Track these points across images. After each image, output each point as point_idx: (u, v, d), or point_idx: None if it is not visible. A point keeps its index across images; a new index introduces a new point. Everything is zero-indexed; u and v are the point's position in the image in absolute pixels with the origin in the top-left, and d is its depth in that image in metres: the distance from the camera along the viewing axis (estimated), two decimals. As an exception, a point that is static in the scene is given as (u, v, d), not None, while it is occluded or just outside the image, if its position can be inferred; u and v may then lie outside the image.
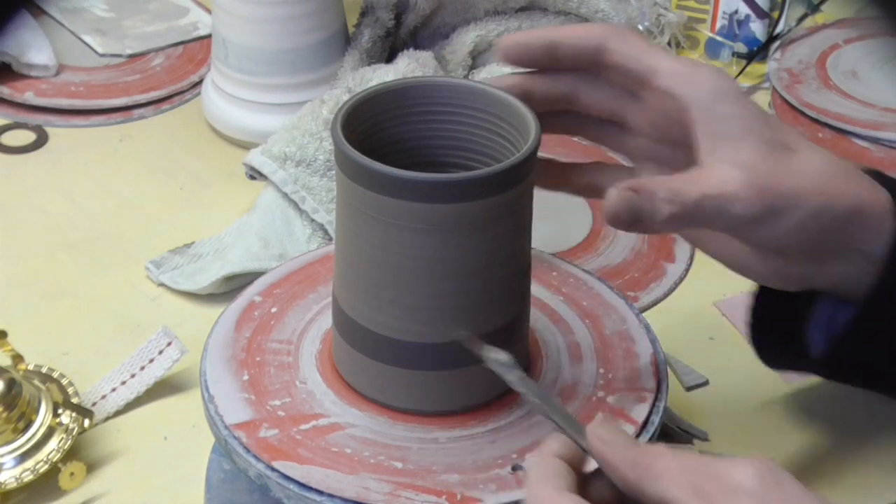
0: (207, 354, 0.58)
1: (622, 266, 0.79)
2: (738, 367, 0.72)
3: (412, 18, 0.99)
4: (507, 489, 0.52)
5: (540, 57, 0.57)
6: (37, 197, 0.86)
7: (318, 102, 0.85)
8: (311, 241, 0.79)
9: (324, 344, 0.59)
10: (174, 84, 0.99)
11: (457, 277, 0.53)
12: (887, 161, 0.88)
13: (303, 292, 0.63)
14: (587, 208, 0.84)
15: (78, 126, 0.94)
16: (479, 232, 0.52)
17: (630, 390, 0.58)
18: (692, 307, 0.77)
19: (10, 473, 0.60)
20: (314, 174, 0.80)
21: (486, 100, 0.56)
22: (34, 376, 0.65)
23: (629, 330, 0.62)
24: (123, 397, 0.67)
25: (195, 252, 0.79)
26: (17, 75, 0.96)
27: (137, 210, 0.85)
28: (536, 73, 0.58)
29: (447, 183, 0.51)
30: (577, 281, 0.65)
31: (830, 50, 1.02)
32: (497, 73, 0.96)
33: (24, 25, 1.00)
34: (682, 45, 1.06)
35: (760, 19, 1.04)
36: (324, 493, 0.51)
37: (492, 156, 0.56)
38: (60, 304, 0.76)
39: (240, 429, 0.54)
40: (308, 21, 0.89)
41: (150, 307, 0.76)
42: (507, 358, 0.51)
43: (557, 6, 1.01)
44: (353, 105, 0.54)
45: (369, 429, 0.55)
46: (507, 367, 0.51)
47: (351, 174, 0.52)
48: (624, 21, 1.02)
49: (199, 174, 0.89)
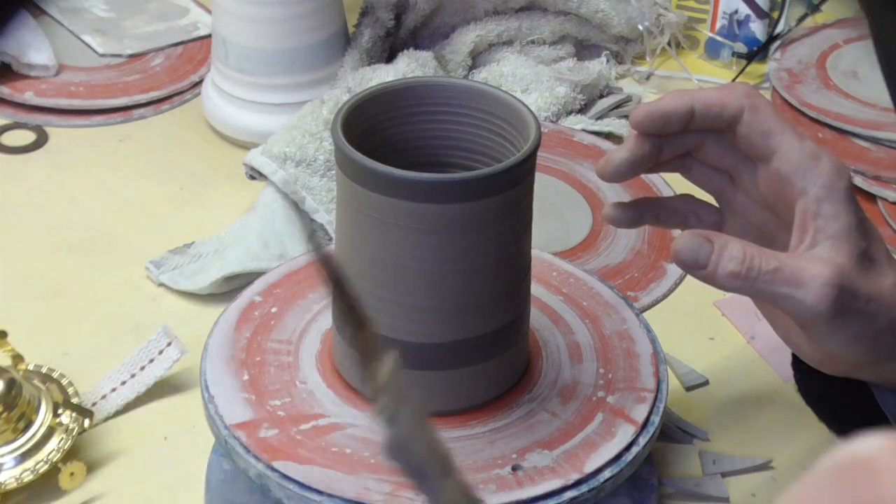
0: (207, 354, 0.58)
1: (622, 266, 0.79)
2: (738, 367, 0.73)
3: (412, 18, 0.99)
4: (507, 489, 0.52)
5: (676, 126, 0.57)
6: (37, 197, 0.86)
7: (318, 102, 0.85)
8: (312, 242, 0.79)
9: (324, 344, 0.59)
10: (174, 84, 0.99)
11: (457, 277, 0.53)
12: (887, 161, 0.88)
13: (303, 292, 0.63)
14: (587, 208, 0.84)
15: (78, 126, 0.94)
16: (479, 232, 0.52)
17: (630, 390, 0.58)
18: (692, 307, 0.77)
19: (10, 473, 0.60)
20: (314, 174, 0.80)
21: (486, 100, 0.56)
22: (34, 376, 0.65)
23: (629, 330, 0.62)
24: (123, 397, 0.67)
25: (195, 252, 0.79)
26: (17, 75, 0.96)
27: (137, 210, 0.85)
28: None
29: (447, 183, 0.51)
30: (577, 281, 0.65)
31: (830, 50, 1.02)
32: (496, 73, 0.96)
33: (24, 25, 1.00)
34: (682, 45, 1.07)
35: (760, 19, 1.04)
36: (324, 493, 0.51)
37: (492, 156, 0.56)
38: (60, 304, 0.76)
39: (240, 429, 0.54)
40: (308, 21, 0.89)
41: (150, 307, 0.76)
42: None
43: (557, 6, 1.01)
44: (353, 105, 0.54)
45: (369, 429, 0.55)
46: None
47: (351, 174, 0.52)
48: (624, 21, 1.02)
49: (199, 174, 0.89)
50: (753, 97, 0.56)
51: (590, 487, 0.53)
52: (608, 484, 0.53)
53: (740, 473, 0.65)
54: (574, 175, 0.88)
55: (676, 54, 1.05)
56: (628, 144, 0.57)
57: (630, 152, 0.57)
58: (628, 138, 0.57)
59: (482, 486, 0.52)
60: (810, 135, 0.92)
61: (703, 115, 0.56)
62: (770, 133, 0.55)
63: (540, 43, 1.00)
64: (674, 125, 0.56)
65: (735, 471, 0.65)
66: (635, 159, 0.57)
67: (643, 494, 0.60)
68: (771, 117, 0.55)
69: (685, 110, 0.56)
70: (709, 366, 0.72)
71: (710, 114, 0.56)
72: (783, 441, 0.67)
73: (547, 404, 0.57)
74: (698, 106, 0.56)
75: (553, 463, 0.53)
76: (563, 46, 1.01)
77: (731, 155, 0.58)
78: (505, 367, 0.57)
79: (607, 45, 1.04)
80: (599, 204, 0.85)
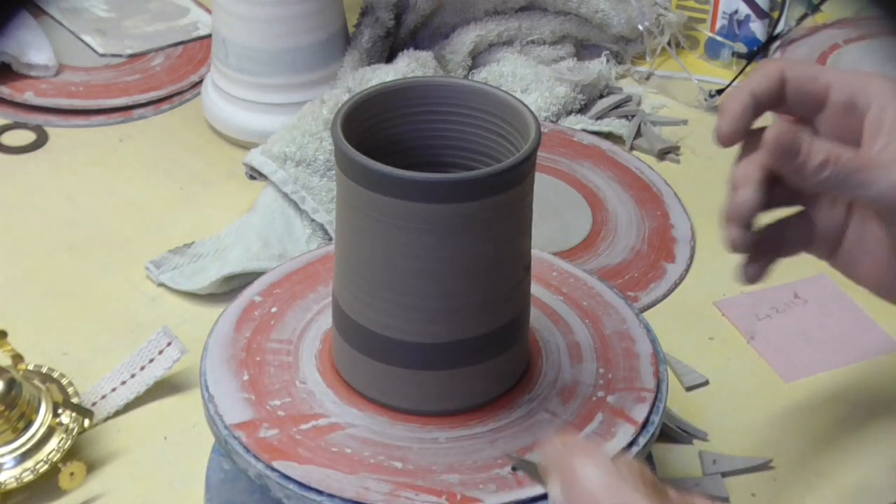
0: (207, 354, 0.58)
1: (622, 266, 0.79)
2: (738, 367, 0.73)
3: (412, 18, 0.99)
4: (507, 489, 0.52)
5: (750, 119, 0.58)
6: (37, 197, 0.86)
7: (318, 102, 0.85)
8: (311, 241, 0.79)
9: (324, 344, 0.59)
10: (174, 84, 0.99)
11: (457, 277, 0.53)
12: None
13: (303, 292, 0.63)
14: (587, 208, 0.84)
15: (78, 126, 0.94)
16: (479, 232, 0.52)
17: (630, 390, 0.58)
18: (692, 307, 0.77)
19: (10, 473, 0.60)
20: (314, 174, 0.80)
21: (486, 100, 0.56)
22: (34, 376, 0.65)
23: (629, 330, 0.62)
24: (123, 397, 0.67)
25: (195, 252, 0.79)
26: (17, 75, 0.96)
27: (137, 210, 0.85)
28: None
29: (447, 183, 0.51)
30: (577, 281, 0.65)
31: (830, 50, 1.02)
32: (496, 73, 0.96)
33: (24, 25, 1.00)
34: (682, 45, 1.07)
35: (760, 19, 1.04)
36: (324, 493, 0.51)
37: (492, 156, 0.56)
38: (60, 304, 0.76)
39: (240, 429, 0.54)
40: (308, 21, 0.89)
41: (150, 307, 0.76)
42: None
43: (557, 6, 1.01)
44: (353, 105, 0.54)
45: (369, 429, 0.55)
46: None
47: (351, 174, 0.52)
48: (624, 21, 1.02)
49: (199, 174, 0.89)
50: (787, 60, 0.58)
51: (590, 487, 0.52)
52: (608, 484, 0.53)
53: (740, 473, 0.65)
54: (574, 175, 0.88)
55: (676, 54, 1.05)
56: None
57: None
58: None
59: (482, 486, 0.52)
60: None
61: (761, 95, 0.57)
62: (816, 75, 0.57)
63: (540, 43, 1.00)
64: (746, 120, 0.57)
65: (735, 471, 0.65)
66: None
67: (643, 494, 0.60)
68: (809, 65, 0.58)
69: (747, 101, 0.57)
70: (709, 366, 0.72)
71: (764, 91, 0.57)
72: (783, 441, 0.67)
73: (547, 404, 0.57)
74: (755, 90, 0.57)
75: (553, 463, 0.53)
76: (563, 46, 1.01)
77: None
78: (505, 367, 0.57)
79: (607, 45, 1.04)
80: (599, 204, 0.85)
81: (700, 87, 1.00)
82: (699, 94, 1.00)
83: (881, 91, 0.56)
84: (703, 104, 0.99)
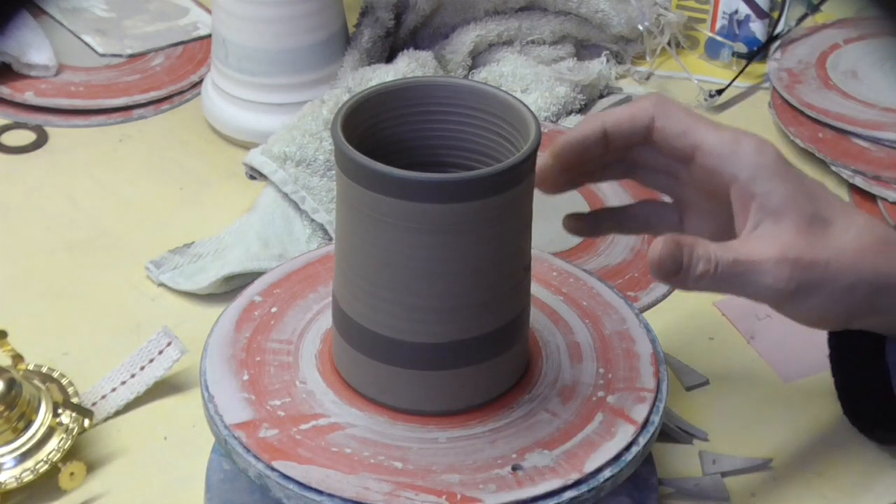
0: (207, 354, 0.58)
1: (622, 266, 0.79)
2: (738, 367, 0.73)
3: (412, 18, 0.99)
4: (507, 489, 0.52)
5: (593, 151, 0.58)
6: (37, 197, 0.86)
7: (318, 102, 0.85)
8: (311, 241, 0.79)
9: (324, 344, 0.59)
10: (174, 84, 0.99)
11: (457, 277, 0.53)
12: (887, 161, 0.88)
13: (303, 292, 0.63)
14: (587, 208, 0.84)
15: (78, 126, 0.94)
16: (479, 232, 0.52)
17: (630, 390, 0.58)
18: (692, 307, 0.77)
19: (10, 473, 0.60)
20: (314, 174, 0.80)
21: (486, 100, 0.56)
22: (34, 376, 0.65)
23: (629, 330, 0.62)
24: (123, 397, 0.67)
25: (195, 252, 0.79)
26: (17, 75, 0.96)
27: (137, 210, 0.85)
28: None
29: (447, 183, 0.51)
30: (577, 281, 0.65)
31: (830, 50, 1.02)
32: (496, 73, 0.96)
33: (24, 25, 1.00)
34: (682, 45, 1.07)
35: (760, 19, 1.04)
36: (324, 493, 0.51)
37: (492, 156, 0.56)
38: (60, 304, 0.76)
39: (240, 429, 0.54)
40: (308, 21, 0.89)
41: (150, 307, 0.76)
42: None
43: (557, 6, 1.01)
44: (353, 105, 0.54)
45: (369, 429, 0.55)
46: None
47: (351, 174, 0.52)
48: (624, 21, 1.02)
49: (199, 174, 0.89)
50: (662, 104, 0.57)
51: (589, 487, 0.53)
52: (608, 484, 0.53)
53: (740, 473, 0.65)
54: (574, 175, 0.88)
55: (676, 54, 1.05)
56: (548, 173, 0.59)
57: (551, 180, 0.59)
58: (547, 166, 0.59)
59: (482, 486, 0.52)
60: (810, 135, 0.92)
61: (616, 133, 0.57)
62: (685, 132, 0.56)
63: (540, 43, 1.00)
64: (593, 150, 0.58)
65: (735, 471, 0.65)
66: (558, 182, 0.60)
67: (643, 494, 0.60)
68: (683, 117, 0.57)
69: (598, 133, 0.57)
70: (709, 366, 0.72)
71: (622, 130, 0.57)
72: (783, 441, 0.67)
73: (547, 404, 0.57)
74: (609, 125, 0.57)
75: (553, 463, 0.53)
76: (563, 46, 1.01)
77: (664, 160, 0.59)
78: (505, 367, 0.57)
79: (607, 45, 1.04)
80: (599, 204, 0.85)
81: (700, 87, 1.00)
82: (699, 94, 1.00)
83: (749, 160, 0.55)
84: (703, 104, 0.99)
